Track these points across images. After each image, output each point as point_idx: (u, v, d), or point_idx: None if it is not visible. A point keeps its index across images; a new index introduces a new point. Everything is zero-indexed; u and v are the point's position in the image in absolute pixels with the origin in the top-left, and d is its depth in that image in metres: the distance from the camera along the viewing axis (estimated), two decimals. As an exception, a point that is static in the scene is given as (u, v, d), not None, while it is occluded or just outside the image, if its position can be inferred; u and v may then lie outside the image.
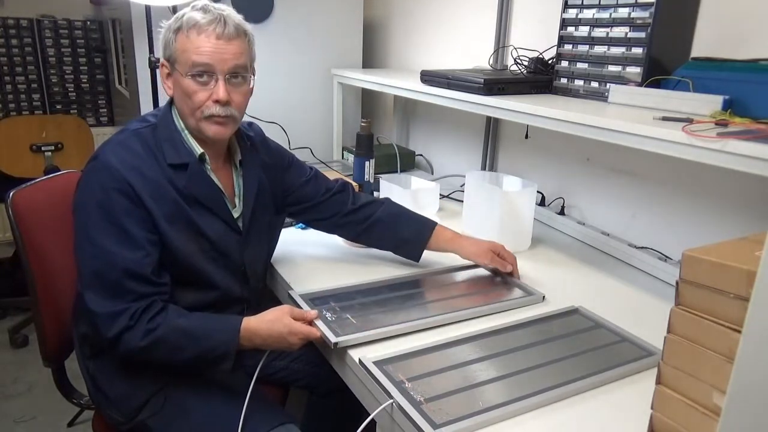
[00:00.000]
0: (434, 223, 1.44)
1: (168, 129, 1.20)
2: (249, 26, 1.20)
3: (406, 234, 1.43)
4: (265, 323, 1.14)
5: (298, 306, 1.22)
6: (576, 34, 1.49)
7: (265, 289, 1.45)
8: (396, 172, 2.21)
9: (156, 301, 1.12)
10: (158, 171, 1.15)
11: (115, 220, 1.10)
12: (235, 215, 1.27)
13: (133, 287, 1.10)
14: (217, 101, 1.15)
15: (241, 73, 1.18)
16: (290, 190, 1.42)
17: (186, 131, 1.21)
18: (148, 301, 1.11)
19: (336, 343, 1.08)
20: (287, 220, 1.71)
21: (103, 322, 1.09)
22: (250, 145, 1.33)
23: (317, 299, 1.25)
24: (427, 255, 1.44)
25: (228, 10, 1.18)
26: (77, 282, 1.17)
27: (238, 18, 1.18)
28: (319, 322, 1.14)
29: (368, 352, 1.06)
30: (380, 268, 1.45)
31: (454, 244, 1.42)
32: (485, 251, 1.38)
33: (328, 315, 1.18)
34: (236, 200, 1.29)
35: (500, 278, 1.39)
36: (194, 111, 1.17)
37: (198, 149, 1.21)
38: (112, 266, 1.09)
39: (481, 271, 1.43)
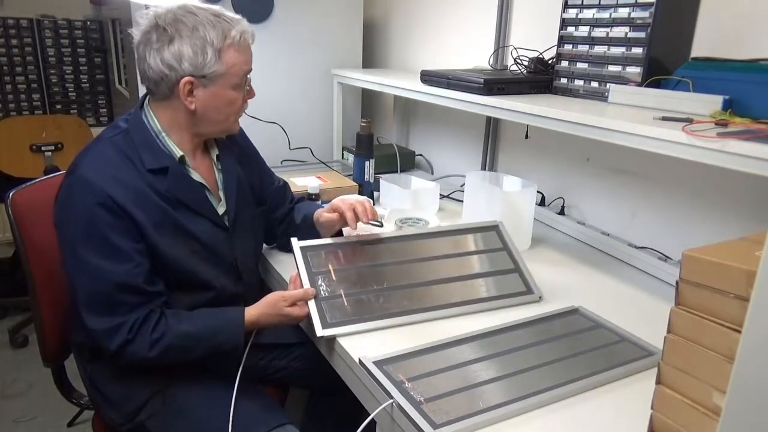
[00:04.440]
0: (315, 208, 1.44)
1: (142, 133, 1.18)
2: None
3: (304, 228, 1.43)
4: (264, 316, 1.18)
5: (295, 260, 1.24)
6: (576, 34, 1.49)
7: (262, 285, 1.46)
8: (396, 172, 2.21)
9: (153, 310, 1.12)
10: (138, 177, 1.13)
11: (100, 235, 1.09)
12: (220, 212, 1.27)
13: (128, 299, 1.10)
14: (248, 98, 1.24)
15: None
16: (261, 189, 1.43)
17: (163, 134, 1.18)
18: (145, 311, 1.11)
19: (322, 336, 1.11)
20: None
21: (103, 338, 1.10)
22: (225, 137, 1.33)
23: (316, 257, 1.25)
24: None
25: (230, 11, 1.18)
26: (70, 291, 1.16)
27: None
28: (311, 305, 1.16)
29: (363, 349, 1.06)
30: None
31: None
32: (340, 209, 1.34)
33: (323, 286, 1.20)
34: (220, 194, 1.29)
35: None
36: (231, 116, 1.22)
37: (177, 151, 1.19)
38: (104, 282, 1.09)
39: (492, 239, 1.40)
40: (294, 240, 1.27)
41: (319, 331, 1.11)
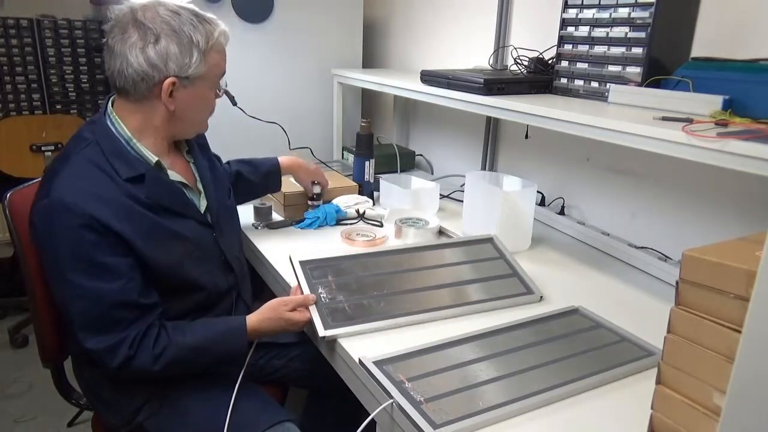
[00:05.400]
0: (276, 165, 1.64)
1: (111, 142, 1.13)
2: None
3: (262, 185, 1.64)
4: (266, 322, 1.18)
5: (296, 274, 1.25)
6: (576, 34, 1.49)
7: (258, 282, 1.46)
8: (396, 172, 2.21)
9: (153, 324, 1.11)
10: (116, 190, 1.09)
11: (87, 257, 1.05)
12: (202, 207, 1.26)
13: (124, 315, 1.08)
14: (217, 98, 1.24)
15: None
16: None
17: (133, 140, 1.14)
18: (144, 326, 1.10)
19: (324, 337, 1.11)
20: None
21: (104, 357, 1.08)
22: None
23: (316, 269, 1.26)
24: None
25: (208, 13, 1.18)
26: (63, 315, 1.13)
27: None
28: (312, 309, 1.16)
29: (363, 349, 1.06)
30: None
31: (289, 173, 1.68)
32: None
33: (323, 293, 1.20)
34: (199, 186, 1.28)
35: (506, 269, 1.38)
36: (206, 116, 1.25)
37: (152, 157, 1.16)
38: (99, 303, 1.06)
39: (488, 250, 1.42)
40: (292, 255, 1.29)
41: (322, 332, 1.11)
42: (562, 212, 1.79)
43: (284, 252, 1.51)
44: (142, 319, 1.10)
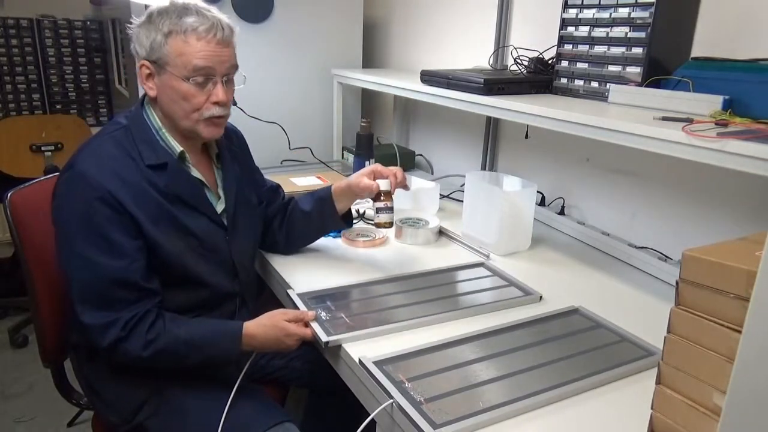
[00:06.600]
0: (329, 189, 1.42)
1: (142, 129, 1.19)
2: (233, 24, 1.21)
3: (316, 214, 1.43)
4: (262, 328, 1.17)
5: (296, 305, 1.23)
6: (576, 34, 1.49)
7: (260, 283, 1.46)
8: (396, 172, 2.21)
9: (150, 310, 1.12)
10: (137, 173, 1.14)
11: (98, 230, 1.09)
12: (219, 209, 1.27)
13: (123, 295, 1.10)
14: (217, 102, 1.18)
15: (233, 74, 1.22)
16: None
17: (163, 130, 1.20)
18: (141, 310, 1.11)
19: (327, 342, 1.09)
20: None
21: (96, 334, 1.09)
22: (224, 137, 1.32)
23: (314, 298, 1.26)
24: (425, 257, 1.43)
25: (214, 11, 1.18)
26: (66, 286, 1.15)
27: (226, 19, 1.19)
28: (313, 323, 1.15)
29: (364, 350, 1.06)
30: (378, 267, 1.44)
31: (346, 191, 1.40)
32: (365, 173, 1.38)
33: (323, 314, 1.19)
34: (219, 192, 1.29)
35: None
36: (191, 113, 1.17)
37: (177, 147, 1.20)
38: (100, 277, 1.09)
39: (481, 272, 1.43)
40: (291, 291, 1.28)
41: (325, 337, 1.10)
42: (562, 212, 1.79)
43: (284, 253, 1.51)
44: (141, 303, 1.11)
